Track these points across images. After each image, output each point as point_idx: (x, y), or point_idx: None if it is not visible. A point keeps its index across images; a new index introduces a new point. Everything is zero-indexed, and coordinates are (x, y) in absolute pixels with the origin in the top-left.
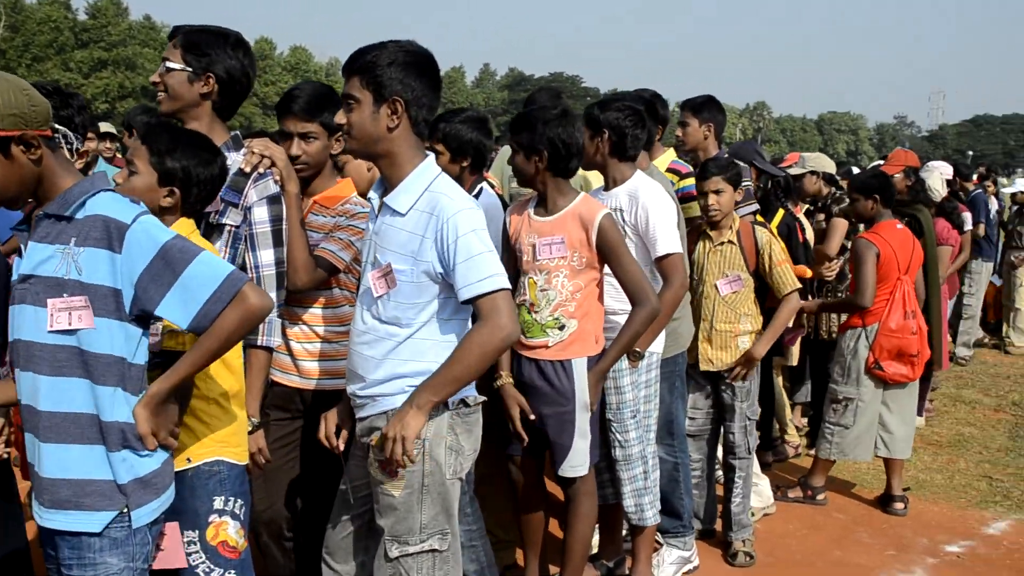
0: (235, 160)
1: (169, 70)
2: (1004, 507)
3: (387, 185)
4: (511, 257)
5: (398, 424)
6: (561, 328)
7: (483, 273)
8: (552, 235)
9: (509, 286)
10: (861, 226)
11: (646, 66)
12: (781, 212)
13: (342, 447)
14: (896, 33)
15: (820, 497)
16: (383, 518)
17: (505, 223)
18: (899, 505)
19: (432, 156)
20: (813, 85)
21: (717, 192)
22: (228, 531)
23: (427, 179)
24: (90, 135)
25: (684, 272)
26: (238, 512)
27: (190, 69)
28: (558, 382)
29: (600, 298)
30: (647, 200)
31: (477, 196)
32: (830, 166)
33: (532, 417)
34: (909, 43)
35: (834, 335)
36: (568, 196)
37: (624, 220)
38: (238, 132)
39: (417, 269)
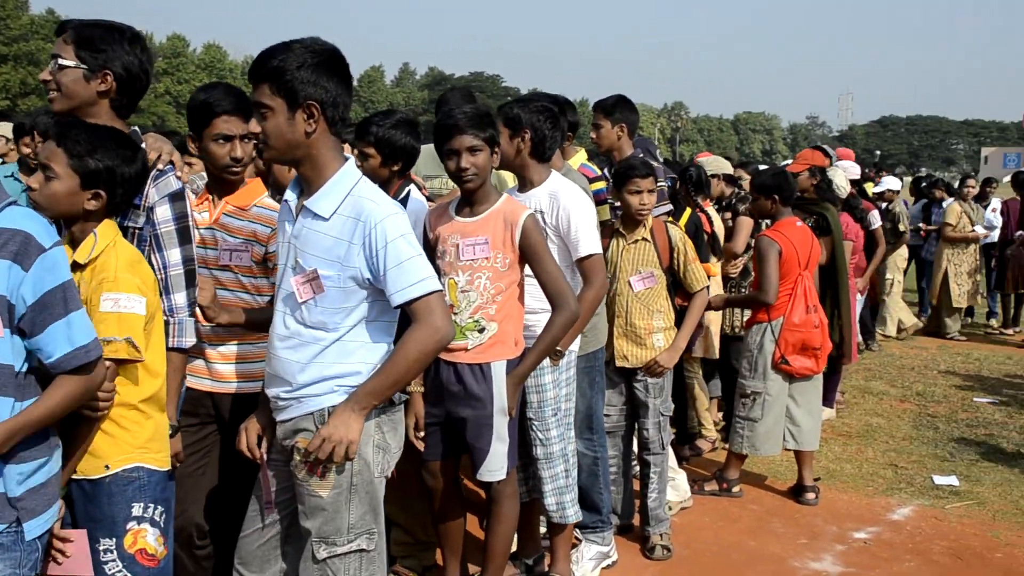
0: None
1: (62, 67)
2: (908, 493)
3: (305, 187)
4: (431, 259)
5: (342, 427)
6: (481, 331)
7: (415, 277)
8: (476, 235)
9: (441, 288)
10: (764, 224)
11: (566, 66)
12: (688, 211)
13: (265, 457)
14: (807, 35)
15: (735, 490)
16: (310, 520)
17: (426, 225)
18: (810, 495)
19: (352, 159)
20: (729, 86)
21: (651, 192)
22: (147, 539)
23: (349, 183)
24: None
25: (604, 273)
26: (158, 519)
27: (85, 66)
28: (476, 386)
29: (521, 300)
30: (568, 202)
31: (405, 199)
32: (727, 167)
33: (421, 434)
34: (819, 45)
35: (737, 330)
36: (492, 197)
37: (545, 222)
38: (136, 128)
39: (344, 275)
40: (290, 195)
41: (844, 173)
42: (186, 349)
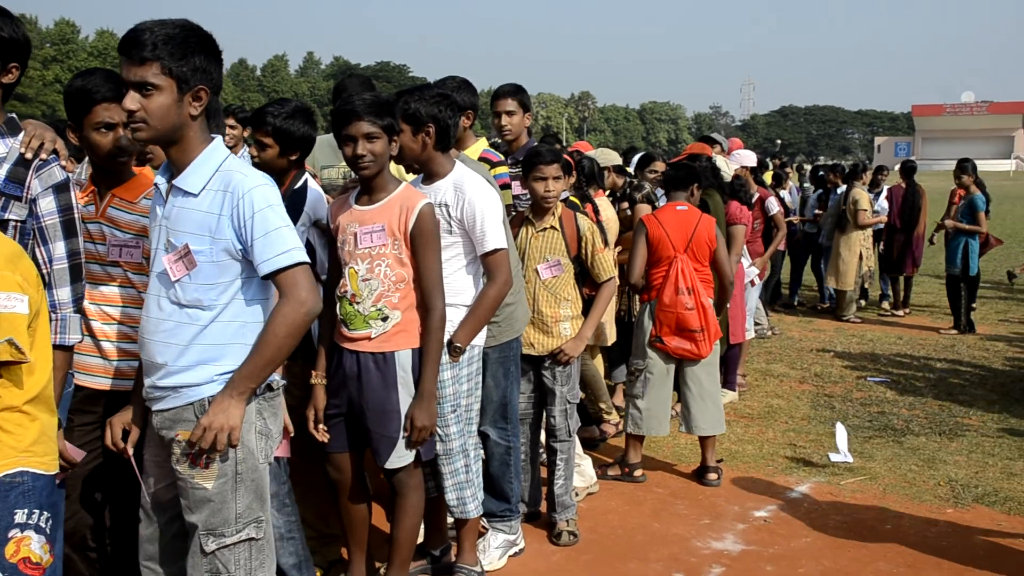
0: (13, 148)
1: None
2: (805, 472)
3: (174, 169)
4: (334, 248)
5: (222, 414)
6: (384, 319)
7: (281, 247)
8: (373, 223)
9: (308, 260)
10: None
11: (473, 56)
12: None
13: (131, 451)
14: (709, 25)
15: (637, 474)
16: (195, 513)
17: (328, 216)
18: (712, 476)
19: (220, 138)
20: (635, 76)
21: (556, 179)
22: (31, 546)
23: (218, 159)
24: None
25: (508, 268)
26: (44, 525)
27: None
28: (379, 374)
29: None
30: (473, 194)
31: (303, 187)
32: (616, 159)
33: (322, 427)
34: (721, 35)
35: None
36: (391, 185)
37: (450, 216)
38: (13, 115)
39: (216, 248)
40: (160, 179)
41: (726, 160)
42: (70, 347)
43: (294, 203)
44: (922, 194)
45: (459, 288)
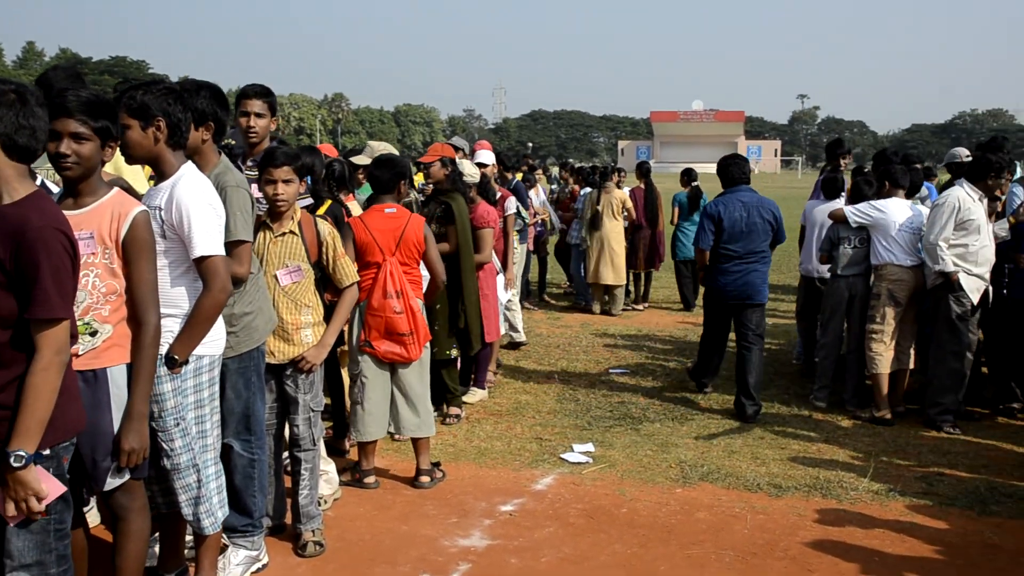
0: None
1: None
2: (550, 464)
3: None
4: None
5: None
6: (93, 334)
7: None
8: (79, 230)
9: None
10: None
11: (221, 53)
12: (328, 202)
13: None
14: (461, 29)
15: (368, 480)
16: None
17: None
18: (424, 479)
19: None
20: (389, 78)
21: (287, 181)
22: None
23: None
24: None
25: (223, 277)
26: None
27: None
28: (90, 394)
29: None
30: (181, 195)
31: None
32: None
33: None
34: (473, 39)
35: None
36: (101, 190)
37: (162, 219)
38: None
39: None
40: None
41: (470, 161)
42: None
43: None
44: (658, 194)
45: (176, 298)
